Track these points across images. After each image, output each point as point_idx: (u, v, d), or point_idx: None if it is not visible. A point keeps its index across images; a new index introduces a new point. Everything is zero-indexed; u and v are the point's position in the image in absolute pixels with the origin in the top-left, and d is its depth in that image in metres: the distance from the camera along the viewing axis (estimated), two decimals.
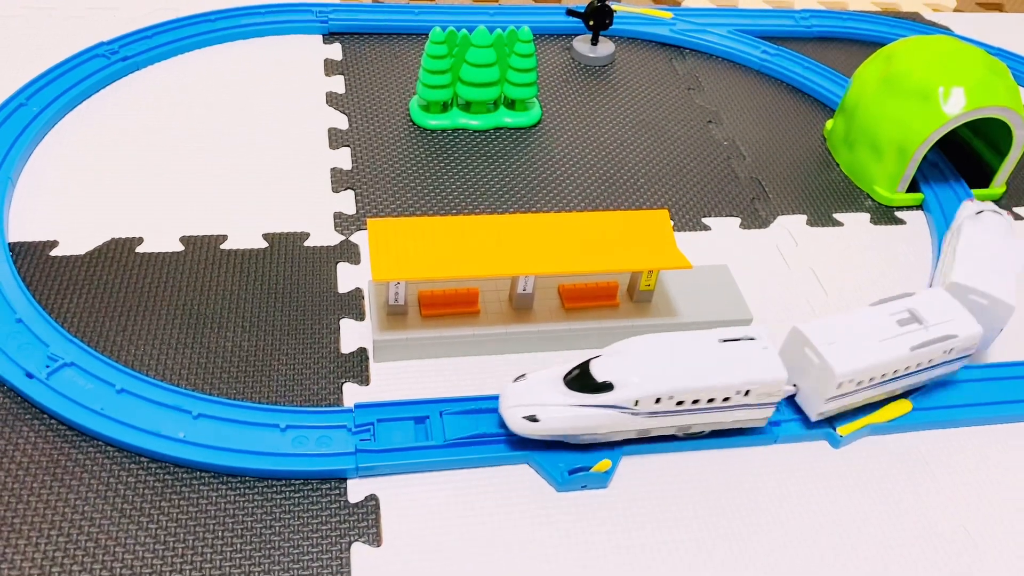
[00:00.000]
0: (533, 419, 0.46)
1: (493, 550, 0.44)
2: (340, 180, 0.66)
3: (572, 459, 0.47)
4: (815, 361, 0.49)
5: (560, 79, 0.80)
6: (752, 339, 0.48)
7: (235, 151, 0.67)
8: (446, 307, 0.54)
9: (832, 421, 0.51)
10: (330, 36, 0.81)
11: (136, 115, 0.70)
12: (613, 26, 0.81)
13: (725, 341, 0.48)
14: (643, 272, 0.55)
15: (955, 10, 1.03)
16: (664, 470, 0.49)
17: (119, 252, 0.58)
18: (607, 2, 0.80)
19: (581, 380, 0.46)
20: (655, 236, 0.55)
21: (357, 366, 0.52)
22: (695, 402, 0.46)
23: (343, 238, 0.61)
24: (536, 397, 0.46)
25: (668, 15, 0.88)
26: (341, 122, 0.72)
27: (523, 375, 0.48)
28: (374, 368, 0.52)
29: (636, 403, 0.45)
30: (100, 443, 0.46)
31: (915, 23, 0.95)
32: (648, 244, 0.55)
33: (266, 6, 0.82)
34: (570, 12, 0.81)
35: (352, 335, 0.54)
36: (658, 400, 0.46)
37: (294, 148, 0.68)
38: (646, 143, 0.74)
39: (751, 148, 0.75)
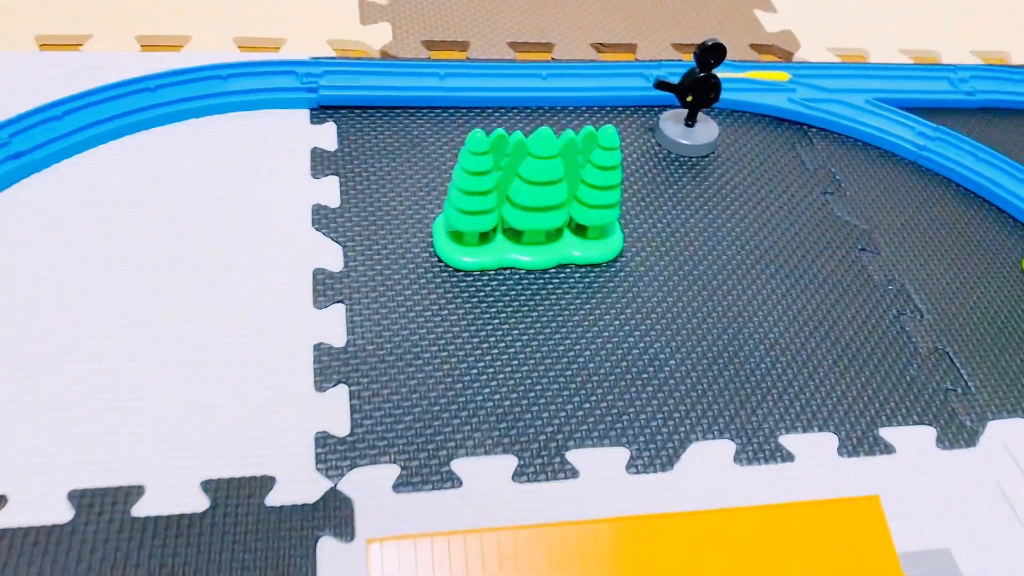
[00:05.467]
0: None
1: None
2: (328, 368, 0.43)
3: None
4: None
5: (641, 177, 0.57)
6: None
7: (166, 334, 0.45)
8: None
9: None
10: (320, 111, 0.58)
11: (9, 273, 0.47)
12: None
13: None
14: None
15: None
16: None
17: None
18: (712, 71, 0.56)
19: None
20: (863, 554, 0.33)
21: None
22: None
23: (328, 484, 0.39)
24: None
25: (784, 76, 0.64)
26: (332, 258, 0.49)
27: None
28: None
29: None
30: None
31: None
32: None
33: (231, 64, 0.58)
34: (660, 84, 0.57)
35: None
36: None
37: (256, 310, 0.45)
38: (772, 284, 0.51)
39: (928, 297, 0.52)
